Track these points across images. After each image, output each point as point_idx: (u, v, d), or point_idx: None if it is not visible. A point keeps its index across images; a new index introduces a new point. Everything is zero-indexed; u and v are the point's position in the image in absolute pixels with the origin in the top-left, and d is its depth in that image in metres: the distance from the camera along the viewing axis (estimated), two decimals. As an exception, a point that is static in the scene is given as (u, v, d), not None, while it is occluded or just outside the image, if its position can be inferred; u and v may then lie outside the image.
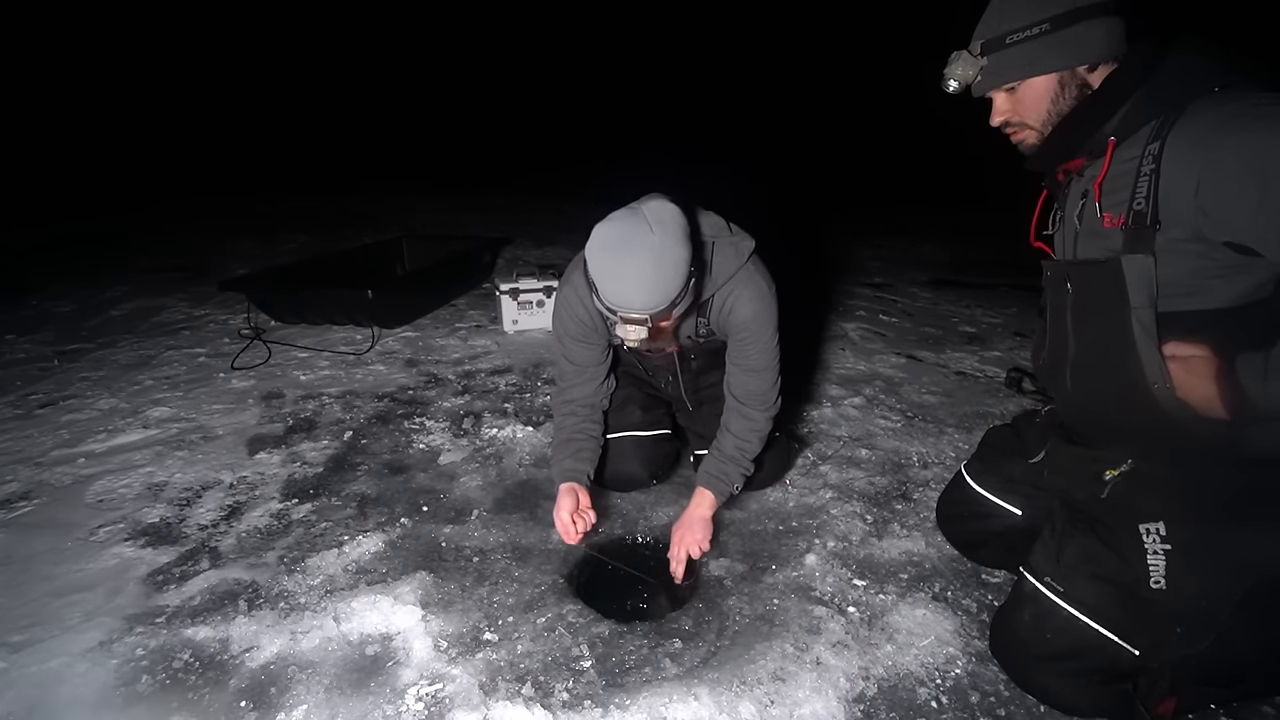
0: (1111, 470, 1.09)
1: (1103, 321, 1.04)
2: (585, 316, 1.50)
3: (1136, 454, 1.08)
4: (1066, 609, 1.07)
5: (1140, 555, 1.03)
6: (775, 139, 9.18)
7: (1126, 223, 0.98)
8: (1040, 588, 1.11)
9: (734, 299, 1.45)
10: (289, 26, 10.72)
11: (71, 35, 8.70)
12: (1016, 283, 4.04)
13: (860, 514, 1.65)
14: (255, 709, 1.12)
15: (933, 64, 1.17)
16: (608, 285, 1.21)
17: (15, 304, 3.46)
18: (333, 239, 4.98)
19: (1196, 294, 0.96)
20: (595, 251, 1.22)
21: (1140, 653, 1.03)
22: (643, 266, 1.17)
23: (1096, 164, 1.03)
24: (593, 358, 1.58)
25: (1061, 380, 1.17)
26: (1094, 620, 1.05)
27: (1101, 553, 1.08)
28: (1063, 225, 1.15)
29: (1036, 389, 2.34)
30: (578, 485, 1.48)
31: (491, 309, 3.27)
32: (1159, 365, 0.97)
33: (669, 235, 1.18)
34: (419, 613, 1.32)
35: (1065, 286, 1.12)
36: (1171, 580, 1.01)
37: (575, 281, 1.49)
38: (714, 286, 1.43)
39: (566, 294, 1.52)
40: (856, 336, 2.99)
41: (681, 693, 1.12)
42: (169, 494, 1.77)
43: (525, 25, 11.90)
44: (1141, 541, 1.03)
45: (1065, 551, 1.11)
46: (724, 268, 1.42)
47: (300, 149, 9.07)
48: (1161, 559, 1.02)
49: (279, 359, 2.68)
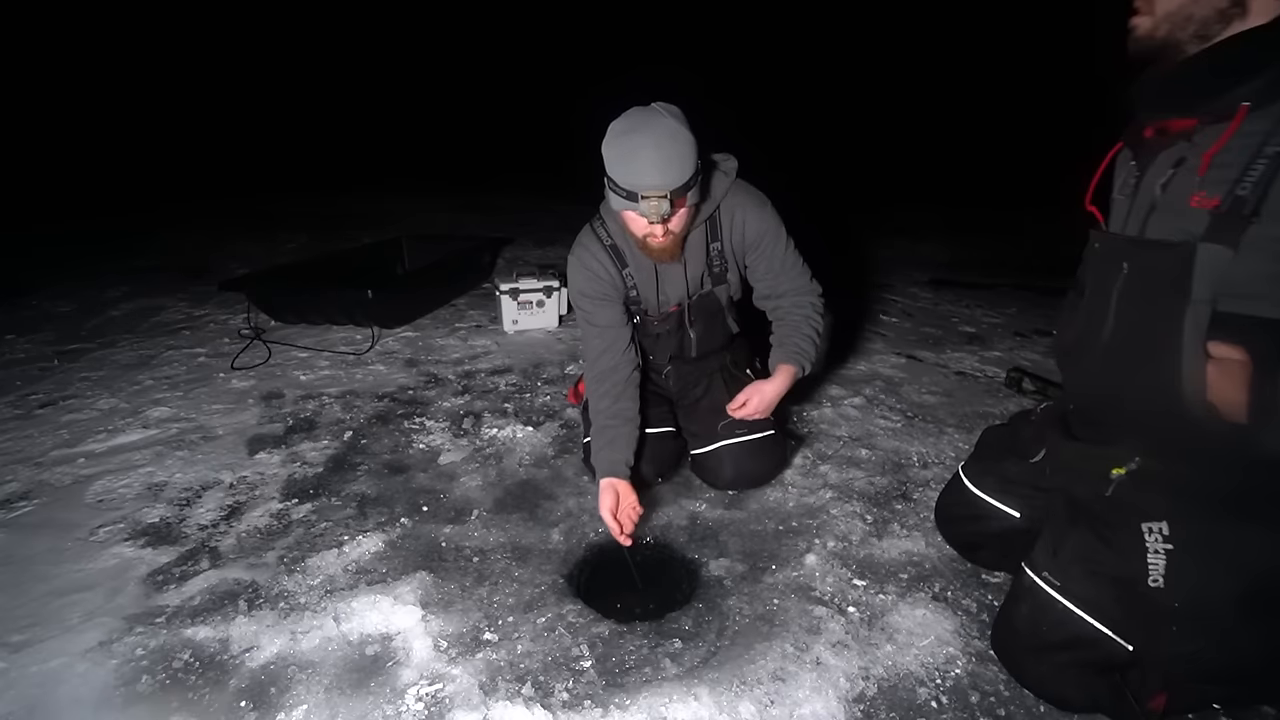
0: (1118, 468, 1.06)
1: (1153, 309, 0.95)
2: (601, 271, 1.59)
3: (1145, 450, 1.04)
4: (1063, 603, 1.07)
5: (1140, 553, 1.01)
6: (775, 139, 9.17)
7: (1220, 207, 0.85)
8: (1038, 581, 1.11)
9: (740, 212, 1.56)
10: (289, 26, 10.72)
11: (71, 36, 8.69)
12: (1016, 283, 4.05)
13: (860, 514, 1.65)
14: (255, 709, 1.12)
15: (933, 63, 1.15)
16: (625, 167, 1.28)
17: (15, 304, 3.46)
18: (333, 239, 4.98)
19: (1258, 299, 0.87)
20: (610, 140, 1.30)
21: (1134, 649, 1.02)
22: (659, 143, 1.26)
23: (1214, 131, 0.87)
24: (615, 317, 1.62)
25: (1086, 362, 1.10)
26: (1090, 615, 1.05)
27: (1100, 549, 1.06)
28: (1135, 194, 1.01)
29: (1036, 389, 2.34)
30: (617, 480, 1.48)
31: (491, 309, 3.27)
32: (1200, 366, 0.89)
33: (678, 120, 1.29)
34: (419, 613, 1.32)
35: (1119, 265, 1.01)
36: (1170, 579, 0.99)
37: (585, 241, 1.61)
38: (714, 203, 1.53)
39: (579, 254, 1.61)
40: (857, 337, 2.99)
41: (681, 693, 1.12)
42: (169, 494, 1.77)
43: (525, 24, 11.90)
44: (1143, 540, 1.01)
45: (1063, 547, 1.10)
46: (718, 185, 1.52)
47: (301, 149, 9.07)
48: (1162, 558, 1.00)
49: (279, 359, 2.68)
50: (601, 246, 1.60)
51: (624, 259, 1.61)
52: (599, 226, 1.61)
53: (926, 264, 4.52)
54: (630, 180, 1.28)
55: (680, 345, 1.78)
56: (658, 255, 1.48)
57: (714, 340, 1.79)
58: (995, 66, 9.55)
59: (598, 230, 1.61)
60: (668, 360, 1.83)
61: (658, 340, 1.79)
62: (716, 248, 1.60)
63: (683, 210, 1.37)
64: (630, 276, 1.62)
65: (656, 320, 1.72)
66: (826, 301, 1.70)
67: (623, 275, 1.60)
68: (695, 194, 1.37)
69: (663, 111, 1.29)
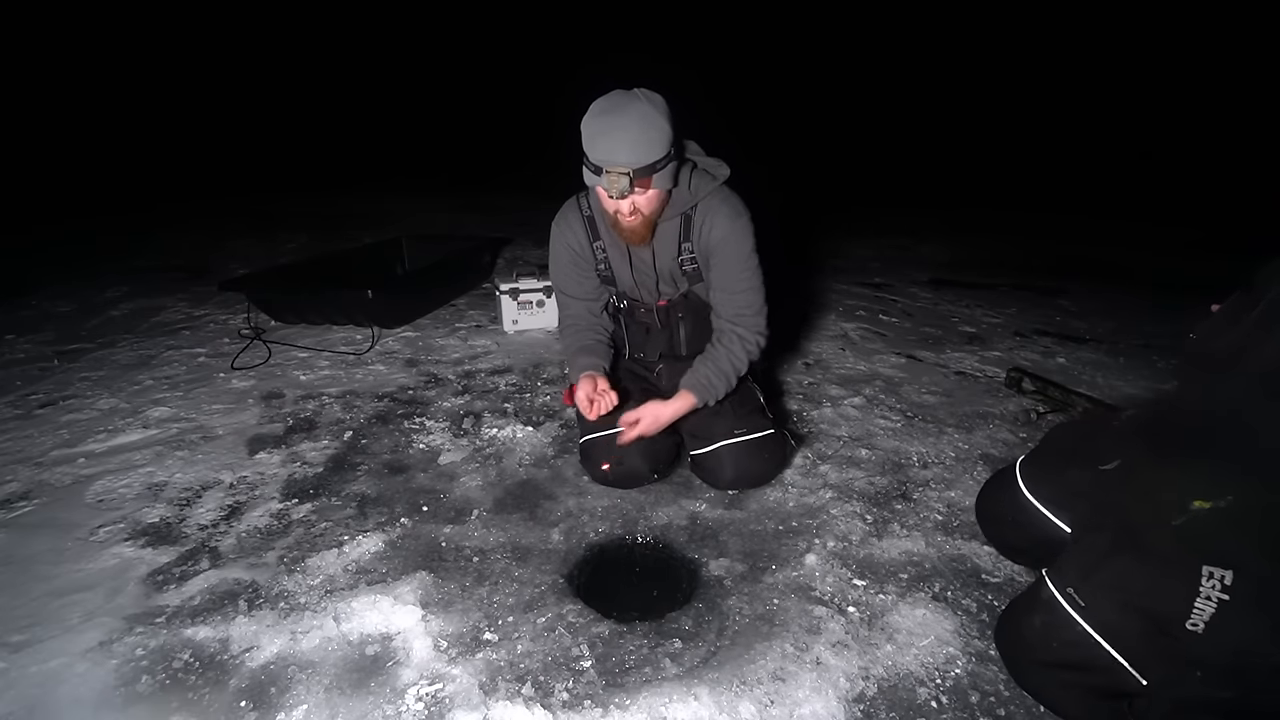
0: (1203, 502, 0.96)
1: None
2: (573, 239, 1.70)
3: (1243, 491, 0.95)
4: (1083, 626, 1.01)
5: (1190, 596, 0.93)
6: (774, 139, 9.17)
7: None
8: (1059, 598, 1.05)
9: (712, 216, 1.59)
10: (289, 26, 10.72)
11: (71, 36, 8.69)
12: (1016, 283, 4.05)
13: (860, 514, 1.65)
14: (255, 709, 1.12)
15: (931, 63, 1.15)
16: (596, 144, 1.36)
17: (15, 304, 3.46)
18: (333, 239, 4.98)
19: None
20: (587, 117, 1.37)
21: (1149, 684, 0.97)
22: (628, 125, 1.32)
23: None
24: (587, 288, 1.75)
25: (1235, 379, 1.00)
26: (1109, 643, 0.99)
27: (1142, 582, 0.99)
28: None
29: (1036, 389, 2.34)
30: (594, 373, 1.57)
31: (491, 309, 3.27)
32: None
33: (655, 107, 1.34)
34: (419, 613, 1.32)
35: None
36: (1212, 628, 0.92)
37: (566, 209, 1.71)
38: (693, 198, 1.57)
39: (557, 221, 1.72)
40: (856, 336, 2.99)
41: (681, 693, 1.12)
42: (169, 494, 1.77)
43: (525, 24, 11.90)
44: (1199, 583, 0.93)
45: (1101, 570, 1.04)
46: (701, 185, 1.57)
47: (300, 149, 9.07)
48: (1212, 605, 0.92)
49: (279, 359, 2.68)
50: (580, 216, 1.69)
51: (598, 232, 1.69)
52: (582, 198, 1.70)
53: (926, 264, 4.52)
54: (597, 155, 1.36)
55: (670, 342, 1.82)
56: (627, 236, 1.53)
57: (703, 339, 1.79)
58: (995, 66, 9.54)
59: (580, 201, 1.71)
60: (658, 358, 1.85)
61: (648, 335, 1.82)
62: (688, 247, 1.64)
63: (651, 193, 1.43)
64: (601, 250, 1.69)
65: (643, 309, 1.77)
66: (767, 343, 1.67)
67: (593, 247, 1.69)
68: (664, 180, 1.42)
69: (642, 97, 1.35)
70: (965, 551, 1.53)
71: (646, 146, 1.34)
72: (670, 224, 1.60)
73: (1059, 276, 4.22)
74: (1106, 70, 9.00)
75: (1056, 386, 2.31)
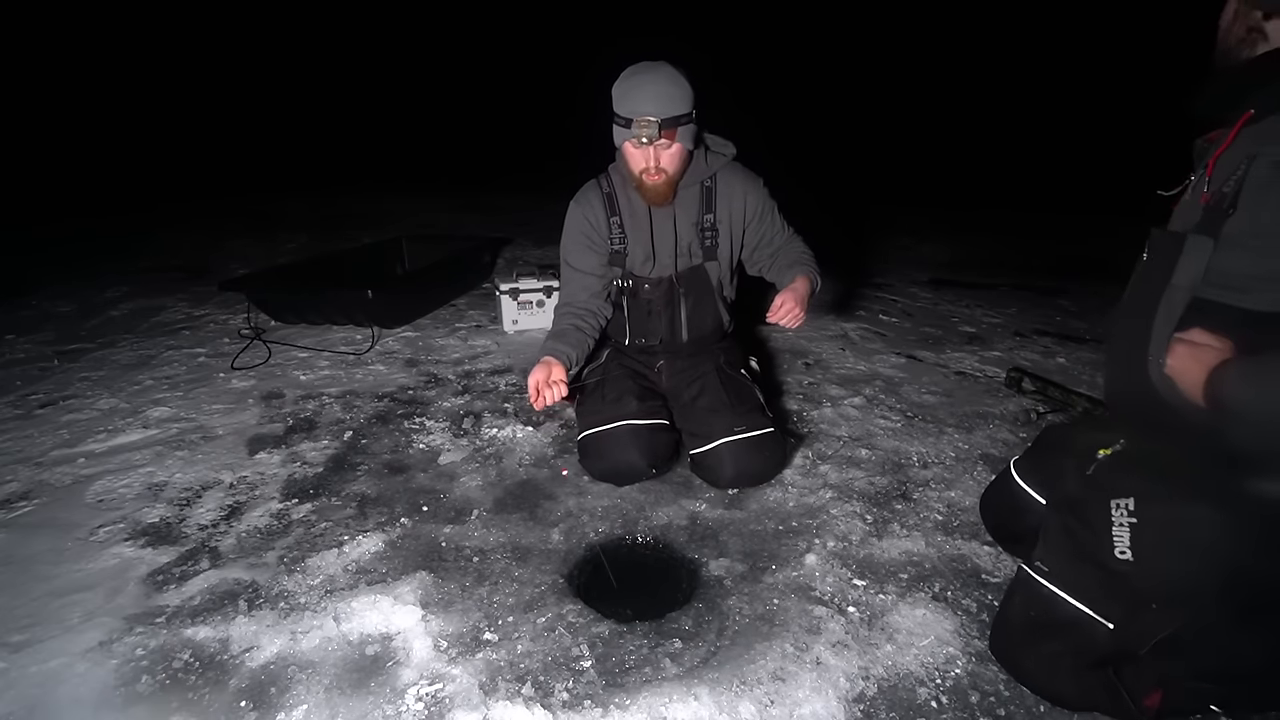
0: (1104, 449, 1.13)
1: (1144, 290, 1.05)
2: (590, 215, 1.76)
3: (1129, 434, 1.12)
4: (1048, 587, 1.09)
5: (1106, 527, 1.05)
6: (775, 139, 9.18)
7: (1209, 201, 0.97)
8: (1029, 571, 1.13)
9: (740, 186, 1.74)
10: (289, 26, 10.72)
11: (71, 36, 8.69)
12: (1016, 283, 4.05)
13: (860, 514, 1.65)
14: (255, 709, 1.12)
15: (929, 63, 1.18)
16: (627, 98, 1.49)
17: (15, 304, 3.46)
18: (333, 239, 4.98)
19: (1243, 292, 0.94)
20: (619, 81, 1.51)
21: (1114, 626, 1.03)
22: (657, 80, 1.48)
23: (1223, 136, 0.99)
24: (594, 264, 1.79)
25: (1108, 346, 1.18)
26: (1069, 594, 1.06)
27: (1078, 529, 1.10)
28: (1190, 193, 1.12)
29: (1036, 389, 2.34)
30: (555, 360, 1.59)
31: (491, 309, 3.27)
32: (1163, 345, 0.98)
33: (680, 70, 1.51)
34: (419, 613, 1.32)
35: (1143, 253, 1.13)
36: (1138, 553, 1.02)
37: (586, 188, 1.79)
38: (709, 170, 1.71)
39: (577, 198, 1.79)
40: (856, 336, 2.99)
41: (681, 693, 1.12)
42: (169, 494, 1.77)
43: (525, 23, 11.90)
44: (1110, 514, 1.06)
45: (1049, 532, 1.14)
46: (714, 159, 1.72)
47: (300, 149, 9.07)
48: (1126, 530, 1.03)
49: (279, 359, 2.68)
50: (599, 193, 1.77)
51: (616, 207, 1.75)
52: (602, 177, 1.79)
53: (926, 264, 4.52)
54: (626, 107, 1.49)
55: (671, 323, 1.84)
56: (651, 195, 1.63)
57: (705, 323, 1.84)
58: (995, 67, 9.55)
59: (600, 180, 1.79)
60: (659, 342, 1.87)
61: (649, 315, 1.84)
62: (710, 219, 1.74)
63: (675, 149, 1.55)
64: (618, 225, 1.76)
65: (647, 284, 1.80)
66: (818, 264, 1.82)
67: (609, 223, 1.75)
68: (687, 137, 1.54)
69: (667, 63, 1.50)
70: (965, 551, 1.53)
71: (673, 99, 1.48)
72: (690, 191, 1.72)
73: (1059, 276, 4.22)
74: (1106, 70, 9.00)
75: (1056, 386, 2.31)
